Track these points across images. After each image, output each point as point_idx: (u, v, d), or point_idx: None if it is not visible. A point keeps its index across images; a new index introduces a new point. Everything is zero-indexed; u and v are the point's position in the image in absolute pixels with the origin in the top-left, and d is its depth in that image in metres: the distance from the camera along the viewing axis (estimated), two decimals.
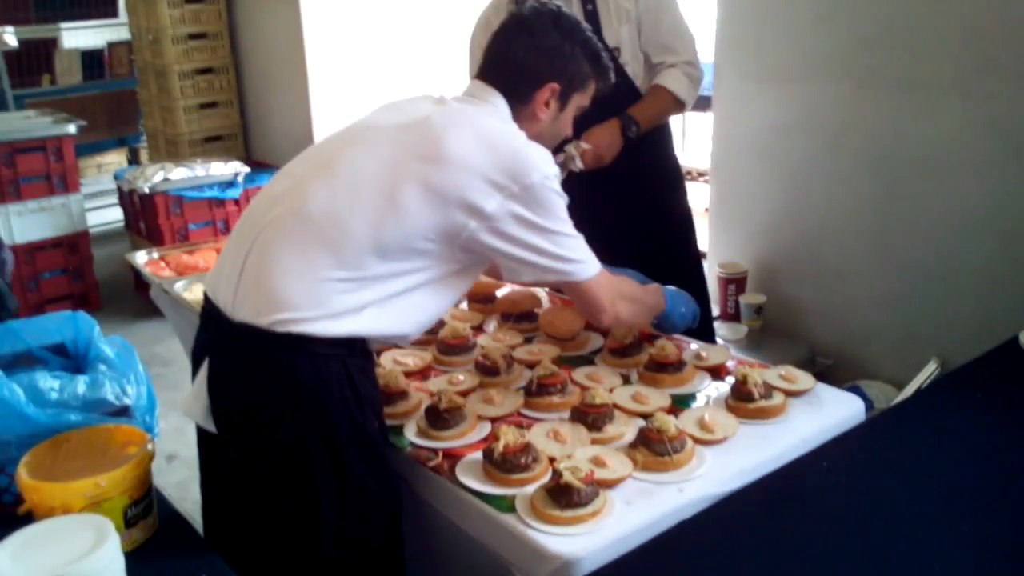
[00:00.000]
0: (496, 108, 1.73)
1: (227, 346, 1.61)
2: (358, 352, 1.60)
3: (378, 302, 1.58)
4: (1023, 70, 2.63)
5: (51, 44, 6.38)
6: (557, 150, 2.33)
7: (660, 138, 2.65)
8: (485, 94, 1.75)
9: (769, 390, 1.81)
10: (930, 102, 2.87)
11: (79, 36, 6.47)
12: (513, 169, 1.58)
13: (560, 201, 1.65)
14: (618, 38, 2.45)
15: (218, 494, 1.77)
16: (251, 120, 5.54)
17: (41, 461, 1.48)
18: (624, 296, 1.84)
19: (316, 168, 1.65)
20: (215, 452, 1.71)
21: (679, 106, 2.53)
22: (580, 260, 1.70)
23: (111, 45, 6.59)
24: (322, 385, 1.55)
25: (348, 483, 1.59)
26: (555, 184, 1.64)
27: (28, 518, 1.40)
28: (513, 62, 1.75)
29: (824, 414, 1.80)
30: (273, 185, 1.72)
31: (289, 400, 1.55)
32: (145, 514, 1.49)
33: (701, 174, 5.32)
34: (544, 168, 1.62)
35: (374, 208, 1.55)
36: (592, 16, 2.43)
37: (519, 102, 1.75)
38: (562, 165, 2.34)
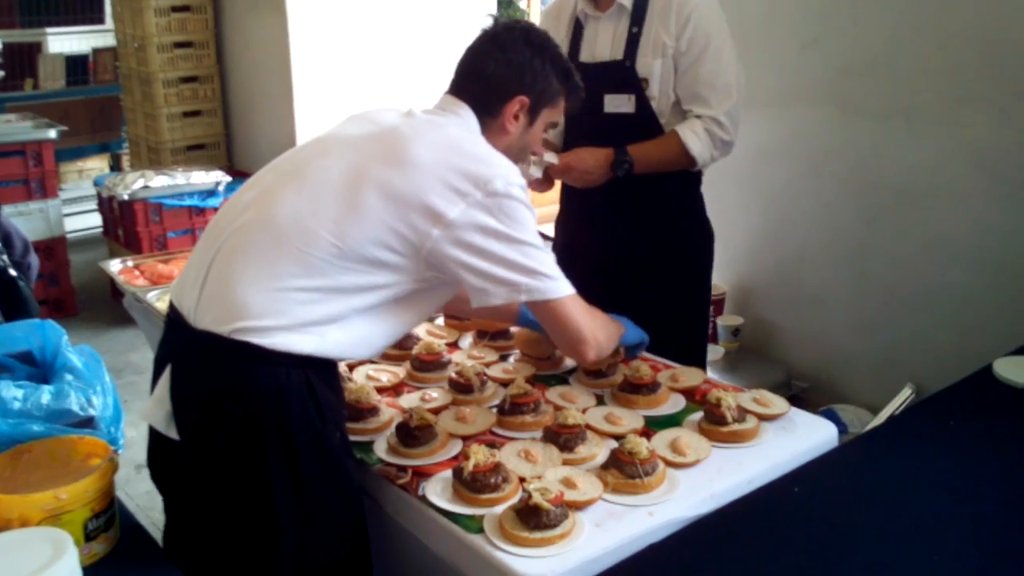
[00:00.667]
0: (464, 120, 1.73)
1: (188, 353, 1.59)
2: (320, 363, 1.58)
3: (341, 319, 1.56)
4: (1003, 101, 2.66)
5: (35, 49, 6.35)
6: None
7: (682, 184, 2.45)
8: (454, 107, 1.75)
9: (743, 414, 1.80)
10: (911, 130, 2.90)
11: (64, 41, 6.45)
12: (476, 176, 1.57)
13: (527, 213, 1.62)
14: (650, 70, 2.29)
15: (176, 502, 1.75)
16: (235, 129, 5.52)
17: (1, 472, 1.45)
18: (598, 320, 1.77)
19: (284, 177, 1.65)
20: (170, 459, 1.68)
21: (690, 160, 2.31)
22: (551, 276, 1.63)
23: (96, 51, 6.56)
24: (282, 394, 1.53)
25: (307, 495, 1.56)
26: (520, 194, 1.61)
27: None
28: (483, 76, 1.75)
29: (797, 439, 1.79)
30: (241, 194, 1.71)
31: (248, 409, 1.54)
32: (107, 527, 1.47)
33: None
34: (509, 176, 1.60)
35: (336, 213, 1.54)
36: (635, 40, 2.30)
37: (488, 115, 1.75)
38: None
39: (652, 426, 1.82)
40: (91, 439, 1.54)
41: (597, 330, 1.73)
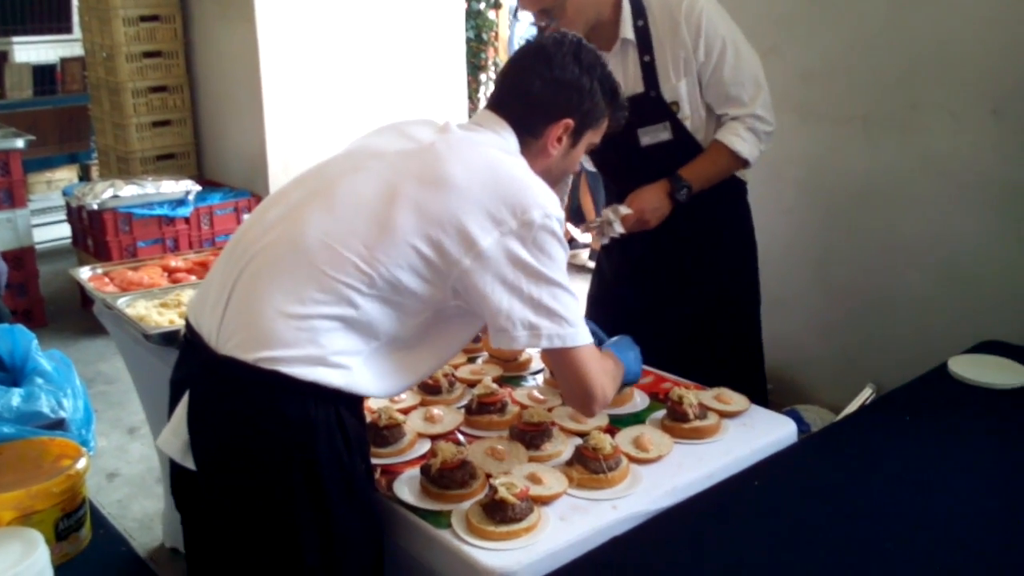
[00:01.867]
0: (503, 140, 1.64)
1: (210, 380, 1.52)
2: (348, 395, 1.52)
3: (367, 352, 1.51)
4: (955, 107, 2.75)
5: (1, 58, 6.30)
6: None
7: (732, 197, 2.47)
8: (494, 124, 1.65)
9: (704, 411, 1.85)
10: (869, 136, 2.97)
11: (31, 51, 6.39)
12: (514, 204, 1.49)
13: (560, 250, 1.54)
14: (676, 93, 2.27)
15: (198, 533, 1.68)
16: (204, 139, 5.51)
17: None
18: (610, 375, 1.67)
19: (313, 195, 1.56)
20: (191, 490, 1.61)
21: (742, 163, 2.32)
22: (573, 323, 1.55)
23: (64, 61, 6.52)
24: (309, 426, 1.46)
25: (331, 528, 1.51)
26: (557, 228, 1.52)
27: None
28: (527, 94, 1.65)
29: (757, 435, 1.84)
30: (266, 209, 1.62)
31: (274, 440, 1.47)
32: (78, 527, 1.49)
33: None
34: (548, 208, 1.51)
35: (366, 237, 1.48)
36: (649, 68, 2.27)
37: (530, 136, 1.66)
38: (599, 229, 2.26)
39: (616, 423, 1.86)
40: (62, 440, 1.56)
41: (607, 384, 1.64)
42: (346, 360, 1.49)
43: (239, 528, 1.54)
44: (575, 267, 5.43)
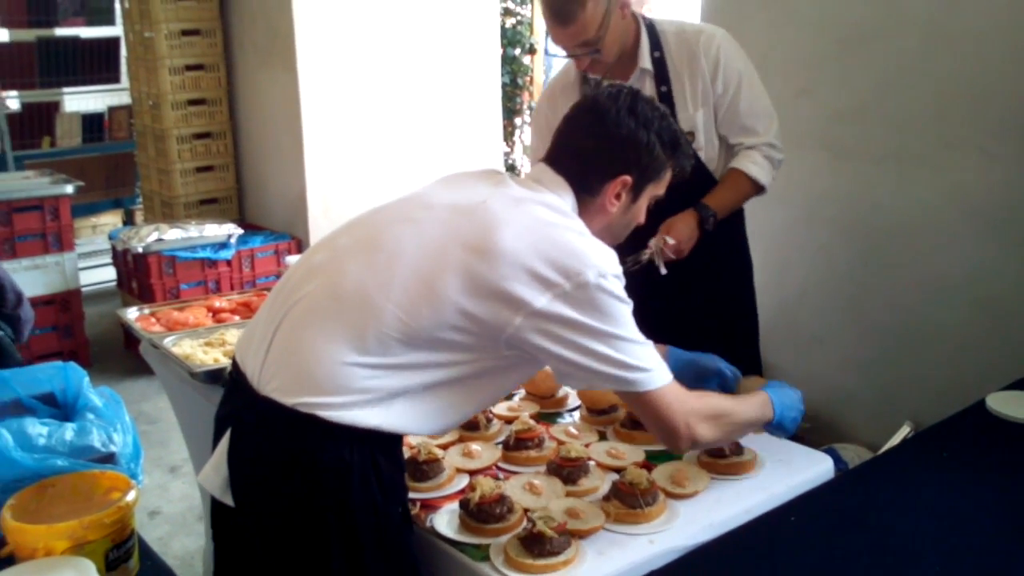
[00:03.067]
0: (559, 198, 1.60)
1: (251, 419, 1.55)
2: (385, 437, 1.52)
3: (409, 392, 1.50)
4: (987, 144, 2.75)
5: (53, 107, 6.50)
6: (641, 245, 2.21)
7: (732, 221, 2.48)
8: (550, 182, 1.62)
9: (740, 447, 1.86)
10: (901, 174, 2.99)
11: (80, 100, 6.59)
12: (565, 267, 1.45)
13: (620, 305, 1.49)
14: (693, 122, 2.32)
15: (232, 569, 1.72)
16: (246, 184, 5.64)
17: (26, 505, 1.51)
18: (703, 415, 1.59)
19: (358, 243, 1.58)
20: (229, 524, 1.65)
21: (758, 190, 2.38)
22: (644, 368, 1.51)
23: (111, 109, 6.71)
24: (344, 471, 1.47)
25: (365, 572, 1.51)
26: (613, 285, 1.48)
27: (10, 560, 1.43)
28: (582, 152, 1.63)
29: (794, 471, 1.84)
30: (313, 254, 1.64)
31: (310, 483, 1.48)
32: (126, 558, 1.52)
33: None
34: (602, 267, 1.47)
35: (408, 292, 1.47)
36: (666, 98, 2.31)
37: (587, 194, 1.62)
38: (650, 263, 2.23)
39: (653, 459, 1.88)
40: (112, 473, 1.60)
41: (695, 422, 1.57)
42: (386, 401, 1.49)
43: (273, 567, 1.56)
44: None
